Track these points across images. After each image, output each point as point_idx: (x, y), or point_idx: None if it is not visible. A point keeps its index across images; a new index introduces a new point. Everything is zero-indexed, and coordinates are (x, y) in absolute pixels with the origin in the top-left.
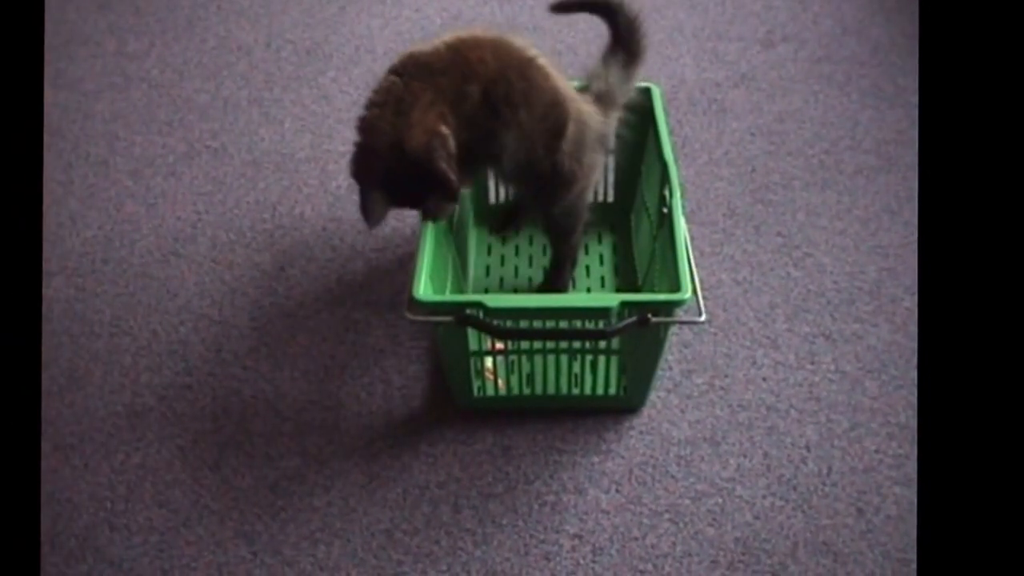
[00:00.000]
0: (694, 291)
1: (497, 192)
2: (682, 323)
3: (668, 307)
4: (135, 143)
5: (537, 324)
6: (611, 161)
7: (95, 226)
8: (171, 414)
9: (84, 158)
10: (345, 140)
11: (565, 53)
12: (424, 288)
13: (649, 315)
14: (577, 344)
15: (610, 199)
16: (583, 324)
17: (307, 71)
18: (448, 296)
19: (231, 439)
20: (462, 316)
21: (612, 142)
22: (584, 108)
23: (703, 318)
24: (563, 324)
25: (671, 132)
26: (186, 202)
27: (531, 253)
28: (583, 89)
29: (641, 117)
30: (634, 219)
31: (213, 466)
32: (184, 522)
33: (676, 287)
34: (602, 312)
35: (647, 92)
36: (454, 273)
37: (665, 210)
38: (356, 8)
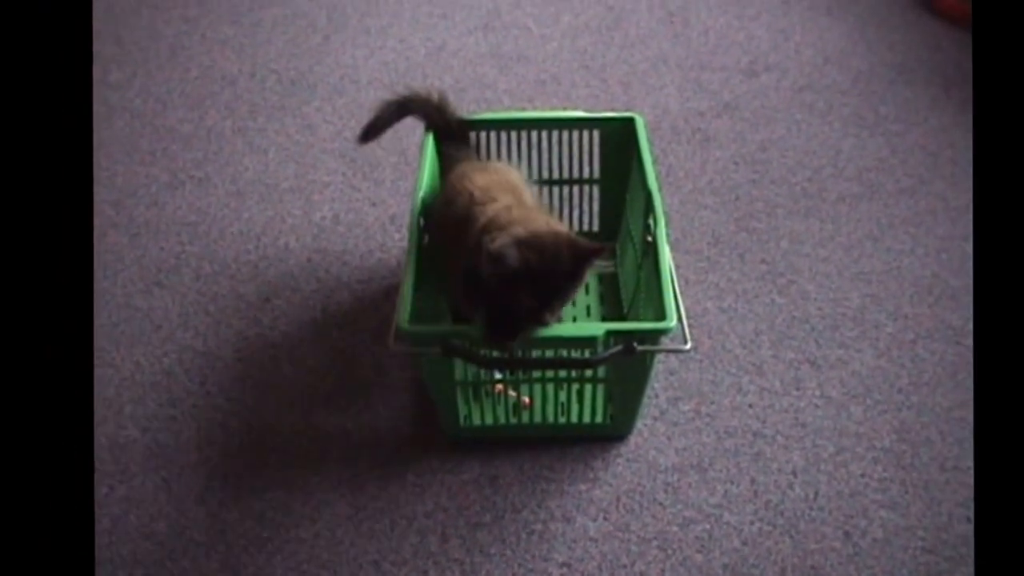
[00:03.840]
0: (679, 319)
1: None
2: (667, 351)
3: (654, 335)
4: (118, 173)
5: (523, 353)
6: (595, 191)
7: None
8: (155, 446)
9: None
10: (330, 171)
11: (549, 82)
12: (409, 318)
13: (635, 343)
14: (564, 373)
15: (595, 228)
16: (569, 353)
17: (291, 101)
18: (433, 326)
19: (216, 471)
20: (448, 346)
21: None
22: None
23: (688, 346)
24: (549, 353)
25: (655, 161)
26: (169, 232)
27: None
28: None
29: (625, 146)
30: (619, 248)
31: (198, 498)
32: (169, 555)
33: (661, 315)
34: (588, 341)
35: (631, 122)
36: (440, 303)
37: (650, 239)
38: (340, 38)
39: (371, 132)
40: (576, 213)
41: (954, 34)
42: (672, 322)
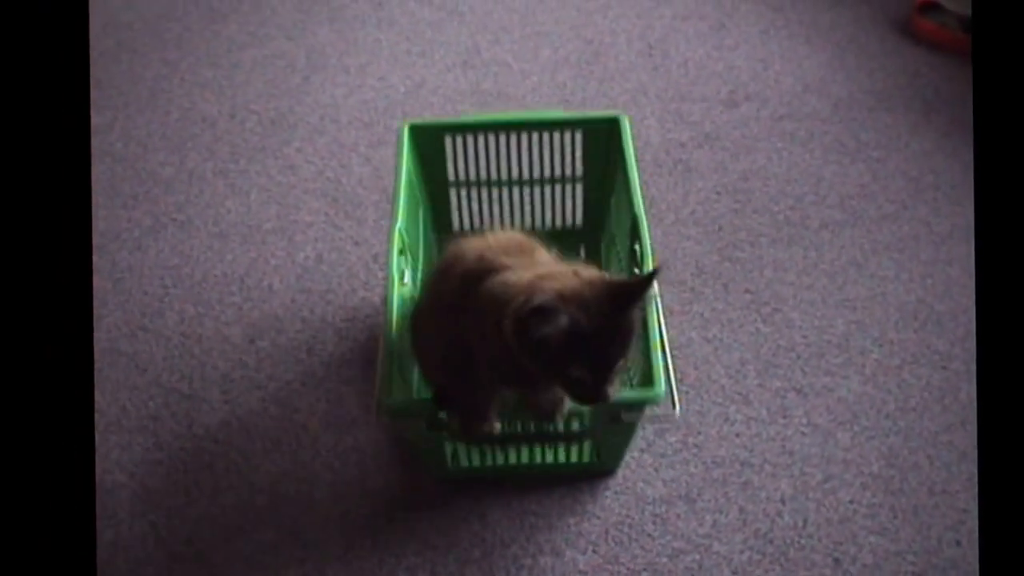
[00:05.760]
0: (668, 381)
1: None
2: (655, 423)
3: (640, 404)
4: (99, 217)
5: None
6: (579, 189)
7: None
8: (142, 490)
9: None
10: (312, 211)
11: None
12: (392, 389)
13: (621, 413)
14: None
15: (579, 223)
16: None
17: (272, 142)
18: (418, 398)
19: (204, 513)
20: (433, 421)
21: None
22: None
23: (677, 412)
24: (534, 428)
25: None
26: (153, 276)
27: None
28: None
29: (609, 148)
30: (604, 247)
31: (186, 541)
32: None
33: (648, 379)
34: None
35: (614, 122)
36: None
37: (637, 270)
38: (320, 78)
39: None
40: (560, 210)
41: (933, 60)
42: (660, 390)
